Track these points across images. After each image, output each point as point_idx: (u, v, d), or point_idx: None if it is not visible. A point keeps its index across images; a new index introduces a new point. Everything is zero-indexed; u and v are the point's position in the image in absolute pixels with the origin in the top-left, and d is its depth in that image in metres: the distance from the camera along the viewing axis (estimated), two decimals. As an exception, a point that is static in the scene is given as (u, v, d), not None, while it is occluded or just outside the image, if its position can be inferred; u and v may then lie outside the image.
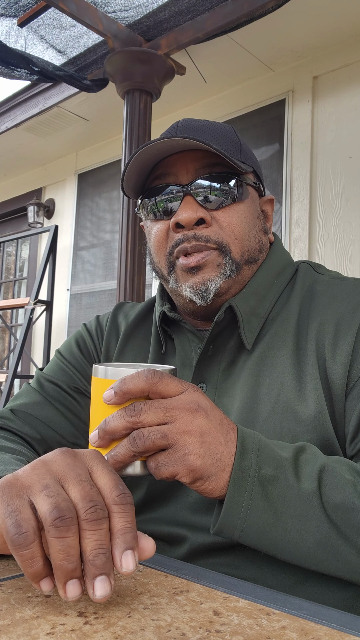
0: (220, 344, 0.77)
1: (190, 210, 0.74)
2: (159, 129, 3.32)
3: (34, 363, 3.69)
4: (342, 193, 2.59)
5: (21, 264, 4.75)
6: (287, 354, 0.73)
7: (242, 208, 0.77)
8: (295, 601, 0.45)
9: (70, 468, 0.44)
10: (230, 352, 0.77)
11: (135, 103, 2.55)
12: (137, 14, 2.44)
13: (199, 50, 2.69)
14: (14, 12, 2.45)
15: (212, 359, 0.77)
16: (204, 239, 0.74)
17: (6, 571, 0.51)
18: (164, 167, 0.78)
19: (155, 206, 0.79)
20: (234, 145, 0.79)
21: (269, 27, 2.51)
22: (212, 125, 0.80)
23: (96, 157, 3.90)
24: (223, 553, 0.71)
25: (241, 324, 0.75)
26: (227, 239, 0.75)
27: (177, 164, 0.77)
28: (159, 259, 0.80)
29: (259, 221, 0.81)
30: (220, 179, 0.76)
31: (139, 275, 2.48)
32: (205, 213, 0.75)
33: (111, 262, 3.67)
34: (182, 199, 0.75)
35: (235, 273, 0.76)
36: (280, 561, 0.66)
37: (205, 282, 0.74)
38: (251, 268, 0.79)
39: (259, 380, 0.73)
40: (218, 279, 0.75)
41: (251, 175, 0.81)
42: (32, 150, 4.06)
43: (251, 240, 0.78)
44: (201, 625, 0.40)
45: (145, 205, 0.80)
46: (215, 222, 0.76)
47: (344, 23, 2.50)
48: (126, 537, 0.42)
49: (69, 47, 2.71)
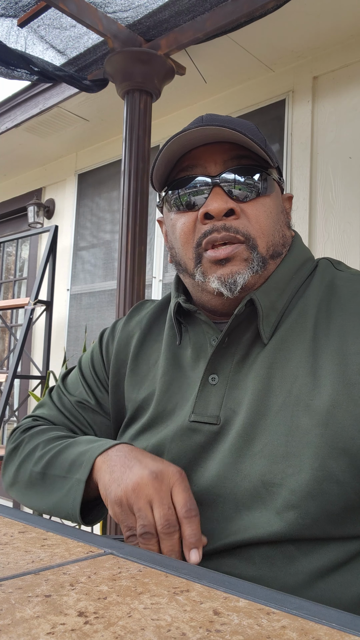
0: (235, 337, 0.77)
1: (220, 200, 0.74)
2: (159, 129, 3.32)
3: (34, 363, 3.69)
4: (342, 193, 2.59)
5: (21, 264, 4.75)
6: (304, 347, 0.73)
7: (268, 202, 0.78)
8: (295, 601, 0.45)
9: (157, 492, 0.64)
10: (245, 344, 0.77)
11: (135, 103, 2.55)
12: (137, 14, 2.44)
13: (199, 50, 2.69)
14: (14, 13, 2.45)
15: (226, 351, 0.77)
16: (233, 230, 0.75)
17: (6, 570, 0.51)
18: (190, 159, 0.78)
19: (182, 198, 0.78)
20: (259, 139, 0.78)
21: (269, 28, 2.51)
22: (236, 120, 0.80)
23: (96, 157, 3.90)
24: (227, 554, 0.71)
25: (261, 318, 0.75)
26: (254, 232, 0.76)
27: (205, 155, 0.77)
28: (185, 251, 0.79)
29: (283, 216, 0.82)
30: (249, 171, 0.76)
31: (139, 275, 2.48)
32: (234, 204, 0.75)
33: (111, 262, 3.67)
34: (210, 190, 0.75)
35: (262, 269, 0.77)
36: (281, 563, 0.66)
37: (234, 275, 0.75)
38: (275, 262, 0.80)
39: (272, 373, 0.73)
40: (246, 272, 0.75)
41: (275, 171, 0.82)
42: (32, 151, 4.06)
43: (276, 235, 0.78)
44: (201, 625, 0.40)
45: (169, 197, 0.80)
46: (244, 214, 0.76)
47: (344, 23, 2.50)
48: (190, 539, 0.63)
49: (69, 48, 2.71)
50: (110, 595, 0.45)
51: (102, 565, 0.53)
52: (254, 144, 0.72)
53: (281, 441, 0.69)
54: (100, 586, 0.47)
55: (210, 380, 0.77)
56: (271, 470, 0.68)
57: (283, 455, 0.68)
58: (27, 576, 0.49)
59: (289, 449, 0.68)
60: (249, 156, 0.77)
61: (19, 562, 0.53)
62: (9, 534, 0.63)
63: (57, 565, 0.53)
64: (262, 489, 0.68)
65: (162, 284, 3.31)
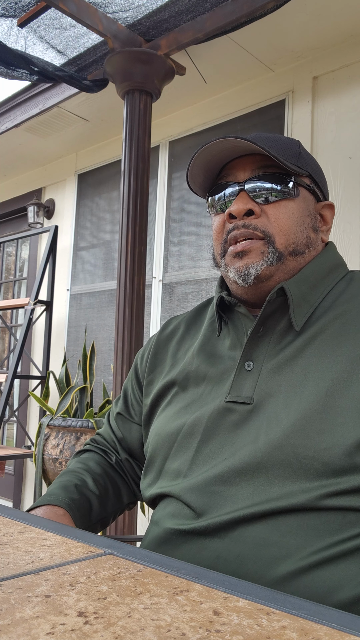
0: (270, 326, 0.85)
1: (241, 202, 0.86)
2: (159, 129, 3.32)
3: (34, 363, 3.69)
4: (342, 193, 2.59)
5: (21, 264, 4.75)
6: (340, 338, 0.80)
7: (291, 205, 0.87)
8: (295, 601, 0.45)
9: None
10: (279, 333, 0.84)
11: (135, 103, 2.55)
12: (137, 15, 2.44)
13: (199, 50, 2.69)
14: (14, 13, 2.45)
15: (261, 339, 0.85)
16: (252, 227, 0.86)
17: (6, 570, 0.51)
18: (227, 169, 0.91)
19: (217, 202, 0.91)
20: (292, 153, 0.90)
21: (269, 28, 2.51)
22: (277, 137, 0.91)
23: (96, 157, 3.90)
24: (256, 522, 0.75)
25: (291, 306, 0.83)
26: (272, 230, 0.86)
27: (237, 166, 0.89)
28: (216, 247, 0.92)
29: (309, 219, 0.90)
30: (273, 178, 0.87)
31: (139, 275, 2.48)
32: (254, 205, 0.86)
33: (111, 262, 3.67)
34: (237, 194, 0.87)
35: (278, 262, 0.85)
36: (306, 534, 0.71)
37: (248, 266, 0.85)
38: (296, 260, 0.88)
39: (307, 359, 0.80)
40: (259, 264, 0.85)
41: (306, 179, 0.91)
42: (32, 151, 4.06)
43: (297, 234, 0.87)
44: (201, 625, 0.40)
45: (210, 202, 0.93)
46: (265, 214, 0.86)
47: (344, 23, 2.50)
48: None
49: (69, 48, 2.71)
50: (110, 595, 0.45)
51: (102, 565, 0.53)
52: (270, 155, 0.82)
53: (315, 418, 0.74)
54: (100, 586, 0.47)
55: (246, 366, 0.84)
56: (305, 444, 0.73)
57: (317, 431, 0.73)
58: (27, 576, 0.49)
59: (323, 426, 0.73)
60: (277, 165, 0.87)
61: (18, 562, 0.53)
62: (9, 534, 0.63)
63: (57, 565, 0.52)
64: (295, 461, 0.73)
65: (162, 284, 3.31)
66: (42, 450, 2.79)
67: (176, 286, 3.24)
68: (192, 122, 3.28)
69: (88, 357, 3.14)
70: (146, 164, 2.55)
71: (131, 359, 2.40)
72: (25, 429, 3.98)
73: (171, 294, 3.25)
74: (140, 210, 2.50)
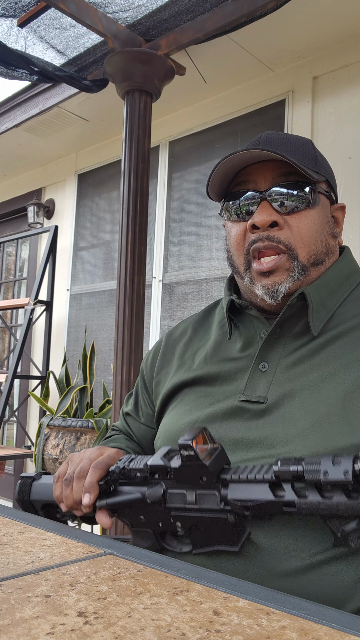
0: (286, 329, 0.85)
1: (265, 213, 0.85)
2: (159, 129, 3.32)
3: (34, 363, 3.69)
4: (342, 193, 2.58)
5: (21, 264, 4.75)
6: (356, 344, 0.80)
7: (312, 214, 0.87)
8: (295, 601, 0.45)
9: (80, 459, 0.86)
10: (295, 337, 0.85)
11: (135, 103, 2.55)
12: (137, 15, 2.44)
13: (199, 50, 2.69)
14: (14, 13, 2.45)
15: (277, 342, 0.85)
16: (275, 240, 0.85)
17: (6, 570, 0.51)
18: (245, 174, 0.89)
19: (236, 209, 0.89)
20: (309, 156, 0.89)
21: (269, 28, 2.51)
22: (291, 139, 0.91)
23: (96, 157, 3.90)
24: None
25: (311, 311, 0.83)
26: (295, 242, 0.85)
27: (257, 172, 0.88)
28: (238, 256, 0.91)
29: (328, 226, 0.91)
30: (294, 186, 0.86)
31: (139, 275, 2.48)
32: (278, 217, 0.85)
33: (111, 263, 3.67)
34: (259, 204, 0.86)
35: (303, 275, 0.86)
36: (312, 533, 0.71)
37: (277, 285, 0.85)
38: (318, 269, 0.88)
39: (323, 363, 0.80)
40: (288, 281, 0.85)
41: (324, 184, 0.91)
42: (32, 151, 4.06)
43: (318, 244, 0.87)
44: (201, 625, 0.40)
45: (229, 207, 0.91)
46: (287, 225, 0.86)
47: (344, 23, 2.50)
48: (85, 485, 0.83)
49: (69, 48, 2.71)
50: (110, 595, 0.45)
51: (102, 565, 0.53)
52: (296, 165, 0.82)
53: (334, 420, 0.74)
54: (100, 586, 0.47)
55: (261, 367, 0.84)
56: (323, 445, 0.73)
57: (336, 433, 0.73)
58: (27, 576, 0.49)
59: (342, 428, 0.73)
60: (296, 172, 0.86)
61: (18, 562, 0.53)
62: (9, 534, 0.63)
63: (57, 565, 0.52)
64: None
65: (162, 284, 3.31)
66: (42, 450, 2.79)
67: (176, 286, 3.24)
68: (192, 122, 3.28)
69: (88, 357, 3.14)
70: (146, 164, 2.55)
71: (131, 358, 2.41)
72: (25, 429, 3.98)
73: (171, 294, 3.25)
74: (140, 210, 2.50)
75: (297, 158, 0.86)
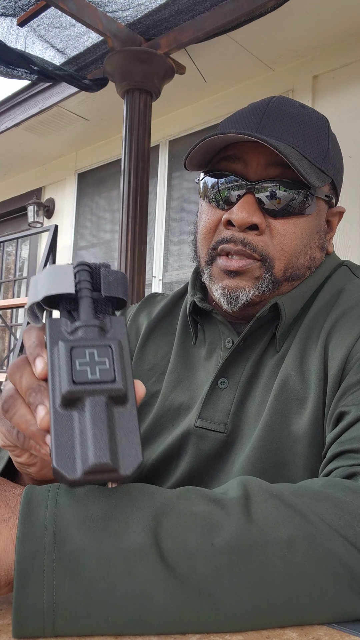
0: (251, 341, 0.73)
1: (246, 211, 0.68)
2: (159, 129, 3.32)
3: (34, 363, 3.69)
4: (342, 193, 2.57)
5: (21, 264, 4.75)
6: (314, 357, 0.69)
7: (302, 222, 0.71)
8: (295, 601, 0.45)
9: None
10: (259, 350, 0.72)
11: (135, 102, 2.55)
12: (136, 14, 2.44)
13: (198, 49, 2.69)
14: (13, 12, 2.45)
15: (240, 355, 0.73)
16: (251, 247, 0.69)
17: (5, 571, 0.51)
18: (236, 148, 0.71)
19: (215, 194, 0.73)
20: (319, 149, 0.72)
21: (269, 27, 2.51)
22: (302, 118, 0.72)
23: (96, 156, 3.90)
24: None
25: (282, 324, 0.71)
26: (273, 253, 0.70)
27: (251, 151, 0.70)
28: (202, 248, 0.75)
29: (317, 237, 0.75)
30: (290, 185, 0.69)
31: (138, 274, 2.48)
32: (261, 219, 0.69)
33: (111, 262, 3.66)
34: (243, 195, 0.69)
35: (271, 290, 0.71)
36: None
37: (238, 290, 0.70)
38: (292, 284, 0.73)
39: (284, 382, 0.69)
40: (251, 291, 0.70)
41: (327, 188, 0.75)
42: (32, 150, 4.05)
43: (300, 258, 0.72)
44: (201, 625, 0.40)
45: (207, 187, 0.74)
46: (269, 230, 0.70)
47: (344, 23, 2.50)
48: None
49: (69, 47, 2.71)
50: (109, 595, 0.45)
51: (102, 565, 0.53)
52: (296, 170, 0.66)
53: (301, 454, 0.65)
54: (100, 586, 0.47)
55: (220, 384, 0.73)
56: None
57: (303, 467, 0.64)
58: (26, 576, 0.49)
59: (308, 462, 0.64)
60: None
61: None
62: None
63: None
64: None
65: (162, 283, 3.31)
66: (42, 450, 2.79)
67: (176, 285, 3.23)
68: (192, 121, 3.28)
69: (88, 356, 3.14)
70: (146, 163, 2.55)
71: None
72: (25, 429, 3.98)
73: (171, 294, 3.26)
74: (140, 209, 2.50)
75: (304, 148, 0.70)
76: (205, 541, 0.40)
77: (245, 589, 0.39)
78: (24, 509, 0.41)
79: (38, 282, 0.46)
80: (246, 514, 0.42)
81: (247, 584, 0.40)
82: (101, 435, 0.38)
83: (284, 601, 0.40)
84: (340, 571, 0.41)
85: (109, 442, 0.38)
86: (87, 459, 0.38)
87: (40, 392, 0.45)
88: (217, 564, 0.40)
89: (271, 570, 0.40)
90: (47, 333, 0.43)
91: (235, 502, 0.43)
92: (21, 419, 0.46)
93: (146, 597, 0.39)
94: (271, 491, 0.45)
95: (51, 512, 0.41)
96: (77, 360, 0.41)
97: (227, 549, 0.40)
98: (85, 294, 0.45)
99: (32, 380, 0.46)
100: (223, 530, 0.41)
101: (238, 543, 0.40)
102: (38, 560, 0.39)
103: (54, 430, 0.39)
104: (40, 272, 0.46)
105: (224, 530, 0.41)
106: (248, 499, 0.44)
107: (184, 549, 0.40)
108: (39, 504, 0.41)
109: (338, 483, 0.48)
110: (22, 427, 0.46)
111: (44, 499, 0.42)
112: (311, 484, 0.48)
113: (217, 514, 0.42)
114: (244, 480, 0.46)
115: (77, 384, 0.39)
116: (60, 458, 0.38)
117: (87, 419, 0.39)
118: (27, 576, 0.39)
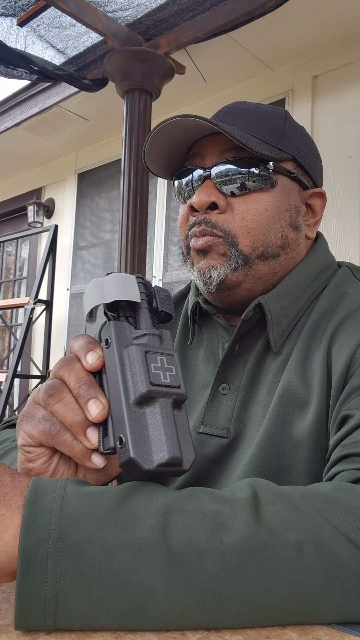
0: (247, 344, 0.73)
1: (204, 194, 0.71)
2: (159, 129, 3.32)
3: (34, 363, 3.69)
4: (342, 193, 2.59)
5: (21, 264, 4.75)
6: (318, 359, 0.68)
7: (265, 198, 0.72)
8: (295, 601, 0.45)
9: None
10: (257, 353, 0.72)
11: (135, 102, 2.55)
12: (136, 14, 2.44)
13: (198, 49, 2.69)
14: (13, 12, 2.45)
15: (237, 359, 0.73)
16: (211, 224, 0.71)
17: (6, 571, 0.51)
18: (196, 148, 0.75)
19: (183, 188, 0.77)
20: (273, 130, 0.73)
21: (269, 27, 2.51)
22: (257, 109, 0.75)
23: (96, 156, 3.90)
24: None
25: (270, 324, 0.70)
26: (236, 229, 0.71)
27: (207, 145, 0.74)
28: (181, 241, 0.78)
29: (288, 215, 0.74)
30: (244, 164, 0.71)
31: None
32: (219, 198, 0.71)
33: (111, 262, 3.67)
34: (202, 183, 0.73)
35: (244, 266, 0.71)
36: None
37: (210, 269, 0.71)
38: (269, 264, 0.73)
39: (285, 385, 0.68)
40: (222, 268, 0.71)
41: (289, 164, 0.74)
42: (32, 150, 4.05)
43: (269, 235, 0.72)
44: (201, 625, 0.40)
45: (175, 186, 0.78)
46: (231, 209, 0.72)
47: (344, 23, 2.50)
48: None
49: (69, 47, 2.71)
50: (110, 595, 0.45)
51: (102, 565, 0.53)
52: (233, 137, 0.67)
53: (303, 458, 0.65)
54: (100, 586, 0.47)
55: (221, 389, 0.73)
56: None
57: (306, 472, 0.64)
58: (26, 576, 0.49)
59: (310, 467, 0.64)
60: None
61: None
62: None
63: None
64: None
65: (162, 283, 3.31)
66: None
67: (176, 285, 3.23)
68: (192, 121, 3.28)
69: (88, 356, 3.14)
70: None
71: (131, 358, 2.41)
72: (25, 429, 3.98)
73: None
74: (140, 209, 2.50)
75: (255, 131, 0.72)
76: (214, 539, 0.40)
77: (252, 590, 0.39)
78: (31, 495, 0.41)
79: (105, 286, 0.50)
80: (255, 515, 0.42)
81: (255, 584, 0.39)
82: (172, 432, 0.44)
83: (288, 604, 0.40)
84: (347, 578, 0.41)
85: (177, 440, 0.43)
86: (162, 453, 0.43)
87: (93, 387, 0.48)
88: (226, 562, 0.40)
89: (279, 573, 0.40)
90: (114, 334, 0.48)
91: (244, 502, 0.43)
92: (67, 407, 0.48)
93: (149, 591, 0.39)
94: (280, 493, 0.45)
95: (58, 500, 0.41)
96: (152, 364, 0.46)
97: (237, 549, 0.40)
98: (144, 305, 0.51)
99: (83, 374, 0.49)
100: (232, 529, 0.41)
101: (248, 543, 0.40)
102: (42, 549, 0.39)
103: (128, 424, 0.43)
104: (104, 277, 0.51)
105: (233, 530, 0.41)
106: (257, 500, 0.44)
107: (193, 546, 0.40)
108: (47, 491, 0.41)
109: (347, 487, 0.48)
110: (65, 414, 0.48)
111: (52, 487, 0.42)
112: (320, 487, 0.48)
113: (227, 513, 0.42)
114: (253, 482, 0.46)
115: (154, 385, 0.45)
116: (137, 449, 0.42)
117: (158, 418, 0.44)
118: (31, 565, 0.39)
